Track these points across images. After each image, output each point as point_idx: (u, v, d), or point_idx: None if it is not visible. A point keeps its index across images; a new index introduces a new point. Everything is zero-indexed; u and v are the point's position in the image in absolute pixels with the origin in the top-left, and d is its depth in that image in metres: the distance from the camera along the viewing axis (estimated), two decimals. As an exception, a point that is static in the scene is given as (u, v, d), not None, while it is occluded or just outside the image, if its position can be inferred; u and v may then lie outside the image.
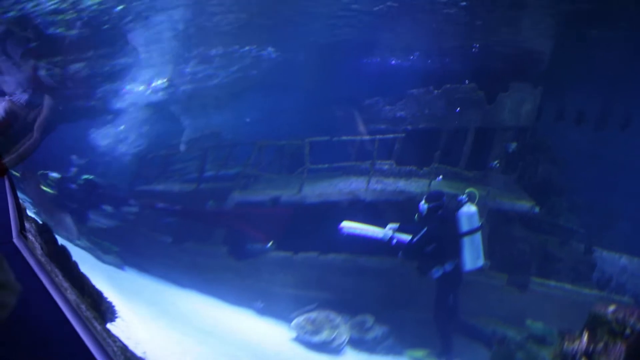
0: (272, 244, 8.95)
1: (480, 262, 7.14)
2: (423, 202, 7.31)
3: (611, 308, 4.13)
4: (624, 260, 9.21)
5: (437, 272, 7.18)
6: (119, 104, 10.68)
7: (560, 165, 10.31)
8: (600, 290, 8.71)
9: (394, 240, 7.28)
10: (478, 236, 7.10)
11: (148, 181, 11.31)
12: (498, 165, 9.28)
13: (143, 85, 10.80)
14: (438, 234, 7.11)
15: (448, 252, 7.12)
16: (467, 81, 9.04)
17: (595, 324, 4.08)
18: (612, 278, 9.11)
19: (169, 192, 10.82)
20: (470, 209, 7.09)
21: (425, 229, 7.11)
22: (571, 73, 9.98)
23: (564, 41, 9.10)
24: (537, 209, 8.69)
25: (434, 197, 7.34)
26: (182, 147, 11.37)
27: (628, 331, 3.76)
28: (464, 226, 7.04)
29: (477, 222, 7.10)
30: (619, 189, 9.77)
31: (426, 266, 7.24)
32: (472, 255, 7.08)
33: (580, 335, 4.11)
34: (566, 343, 4.17)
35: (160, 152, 11.61)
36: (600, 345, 3.85)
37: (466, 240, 7.05)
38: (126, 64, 10.09)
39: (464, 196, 7.22)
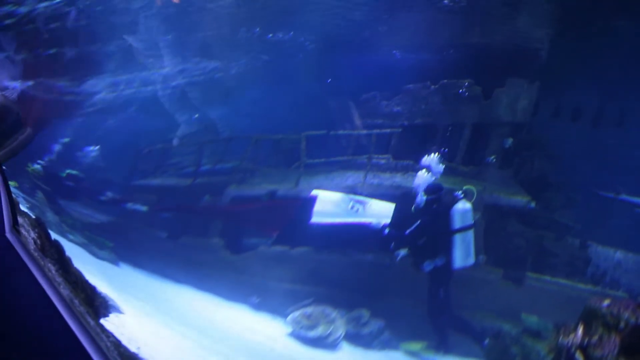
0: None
1: (471, 260, 7.05)
2: (422, 193, 7.23)
3: (606, 302, 4.14)
4: (619, 255, 9.26)
5: (428, 266, 7.16)
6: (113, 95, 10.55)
7: (556, 161, 10.34)
8: (595, 284, 8.77)
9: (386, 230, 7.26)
10: (470, 234, 7.02)
11: (145, 175, 11.26)
12: (494, 160, 9.29)
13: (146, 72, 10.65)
14: (431, 228, 7.07)
15: (439, 247, 7.07)
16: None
17: (590, 318, 4.10)
18: (607, 273, 9.17)
19: (166, 186, 10.78)
20: (464, 205, 7.01)
21: (418, 221, 7.07)
22: (568, 69, 9.98)
23: (561, 37, 9.09)
24: (533, 204, 8.72)
25: (432, 190, 7.25)
26: (176, 142, 11.30)
27: (622, 324, 3.78)
28: (457, 223, 6.97)
29: (470, 220, 7.02)
30: (614, 184, 9.81)
31: (418, 259, 7.22)
32: (462, 253, 7.00)
33: (575, 328, 4.13)
34: (561, 336, 4.19)
35: (157, 146, 11.55)
36: (595, 338, 3.87)
37: (457, 237, 6.98)
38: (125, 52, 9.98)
39: (460, 192, 7.14)
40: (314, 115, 10.16)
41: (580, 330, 4.08)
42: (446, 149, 7.57)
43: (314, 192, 7.88)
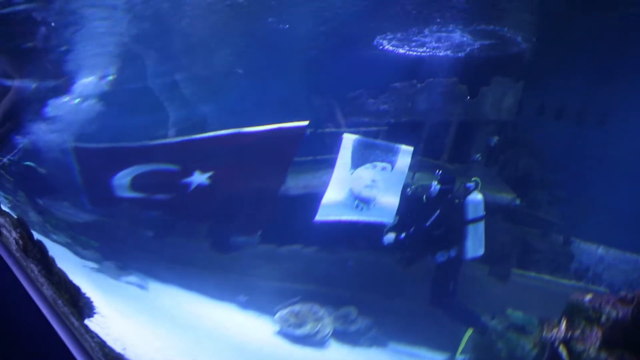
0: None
1: (481, 251, 7.21)
2: (435, 182, 7.28)
3: (588, 297, 4.24)
4: (601, 251, 9.45)
5: (441, 257, 7.21)
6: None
7: (540, 158, 10.50)
8: (578, 280, 8.95)
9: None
10: (481, 225, 7.17)
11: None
12: (480, 158, 9.40)
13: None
14: (447, 219, 7.14)
15: (454, 238, 7.16)
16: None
17: (572, 312, 4.19)
18: (590, 268, 9.35)
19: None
20: (477, 197, 7.15)
21: (437, 212, 7.12)
22: (553, 67, 10.12)
23: (546, 35, 9.21)
24: (518, 202, 8.84)
25: (446, 180, 7.32)
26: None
27: (604, 318, 3.87)
28: (470, 213, 7.09)
29: (482, 211, 7.15)
30: (598, 182, 9.99)
31: (432, 250, 7.25)
32: (474, 244, 7.15)
33: (559, 323, 4.21)
34: (545, 331, 4.27)
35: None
36: (578, 332, 3.95)
37: (470, 228, 7.10)
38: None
39: (472, 183, 7.24)
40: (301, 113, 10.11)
41: (563, 325, 4.16)
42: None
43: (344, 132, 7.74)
